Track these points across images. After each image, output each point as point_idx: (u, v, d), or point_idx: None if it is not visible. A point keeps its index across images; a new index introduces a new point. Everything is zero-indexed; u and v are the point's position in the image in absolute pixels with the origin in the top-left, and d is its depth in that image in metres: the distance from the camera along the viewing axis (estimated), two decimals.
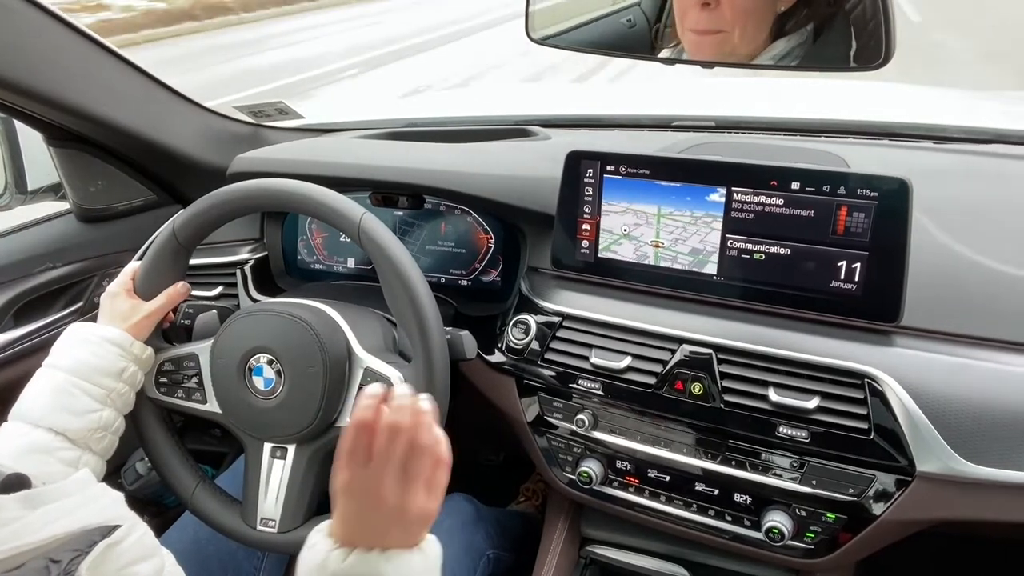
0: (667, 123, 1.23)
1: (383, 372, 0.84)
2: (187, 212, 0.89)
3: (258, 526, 0.88)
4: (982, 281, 0.80)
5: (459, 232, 1.13)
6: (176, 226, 0.89)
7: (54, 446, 0.75)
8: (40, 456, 0.74)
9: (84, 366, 0.80)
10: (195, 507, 0.91)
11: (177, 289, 0.90)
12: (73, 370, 0.80)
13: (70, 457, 0.76)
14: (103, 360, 0.82)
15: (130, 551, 0.55)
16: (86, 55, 1.03)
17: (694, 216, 0.85)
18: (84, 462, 0.78)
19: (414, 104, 2.33)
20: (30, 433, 0.75)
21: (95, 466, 0.79)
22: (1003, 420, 0.72)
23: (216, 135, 1.27)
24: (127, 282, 0.90)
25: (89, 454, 0.79)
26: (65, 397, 0.78)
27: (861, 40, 0.82)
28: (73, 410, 0.78)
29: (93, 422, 0.79)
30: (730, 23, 0.86)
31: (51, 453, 0.75)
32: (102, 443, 0.80)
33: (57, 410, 0.77)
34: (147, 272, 0.89)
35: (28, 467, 0.71)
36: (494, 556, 1.03)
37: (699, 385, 0.83)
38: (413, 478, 0.57)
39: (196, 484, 0.91)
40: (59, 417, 0.77)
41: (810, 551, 0.82)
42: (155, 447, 0.92)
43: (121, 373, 0.83)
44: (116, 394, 0.82)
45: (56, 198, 1.25)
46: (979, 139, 1.10)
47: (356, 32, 10.78)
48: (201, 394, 0.90)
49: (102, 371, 0.81)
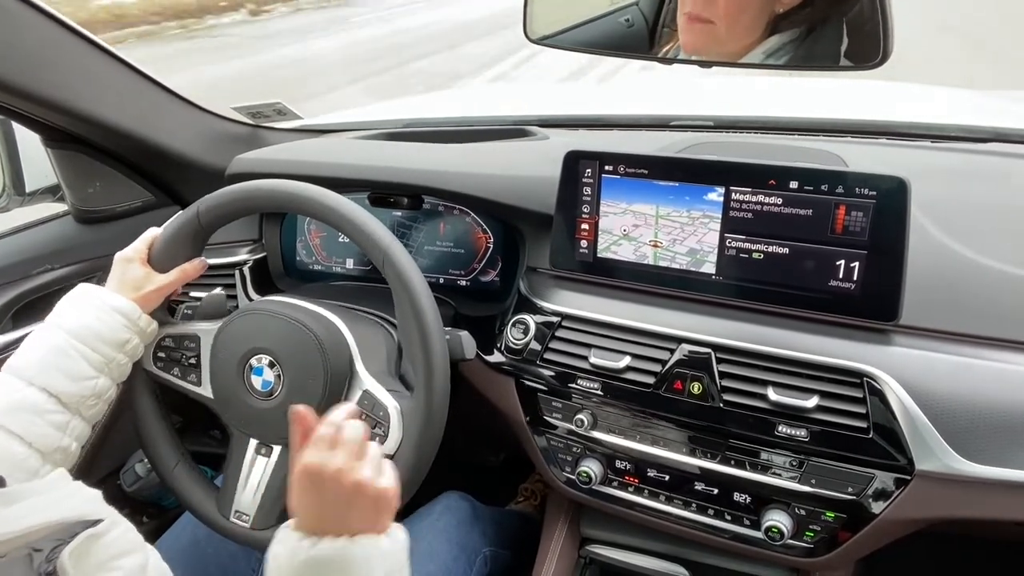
0: (665, 123, 1.23)
1: (381, 400, 0.82)
2: (214, 197, 0.89)
3: (231, 517, 0.87)
4: (980, 280, 0.80)
5: (458, 232, 1.13)
6: (201, 209, 0.89)
7: (46, 408, 0.74)
8: (29, 416, 0.73)
9: (87, 330, 0.79)
10: (172, 484, 0.91)
11: (194, 265, 0.89)
12: (75, 333, 0.78)
13: (60, 421, 0.75)
14: (108, 328, 0.80)
15: (113, 545, 0.55)
16: (83, 56, 1.03)
17: (692, 216, 0.85)
18: (72, 427, 0.77)
19: (413, 104, 2.33)
20: (22, 390, 0.74)
21: (83, 431, 0.79)
22: (1002, 419, 0.72)
23: (214, 136, 1.27)
24: (143, 249, 0.88)
25: (78, 419, 0.78)
26: (63, 359, 0.76)
27: (853, 38, 0.82)
28: (70, 373, 0.76)
29: (88, 388, 0.78)
30: (720, 15, 0.86)
31: (41, 415, 0.74)
32: (92, 410, 0.79)
33: (53, 370, 0.76)
34: (165, 244, 0.88)
35: (17, 426, 0.71)
36: (491, 554, 1.03)
37: (698, 385, 0.83)
38: (363, 455, 0.62)
39: (177, 462, 0.91)
40: (54, 378, 0.75)
41: (809, 550, 0.82)
42: (142, 419, 0.92)
43: (124, 344, 0.82)
44: (115, 364, 0.81)
45: (54, 200, 1.25)
46: (978, 138, 1.10)
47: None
48: (196, 376, 0.89)
49: (105, 339, 0.80)
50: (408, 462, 0.80)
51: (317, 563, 0.58)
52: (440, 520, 1.01)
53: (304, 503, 0.61)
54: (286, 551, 0.60)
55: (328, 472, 0.60)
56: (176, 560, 0.95)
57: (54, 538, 0.51)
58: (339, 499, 0.60)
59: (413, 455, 0.80)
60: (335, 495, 0.60)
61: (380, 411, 0.82)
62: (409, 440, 0.80)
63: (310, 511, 0.61)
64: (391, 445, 0.81)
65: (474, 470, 1.56)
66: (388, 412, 0.82)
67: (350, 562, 0.58)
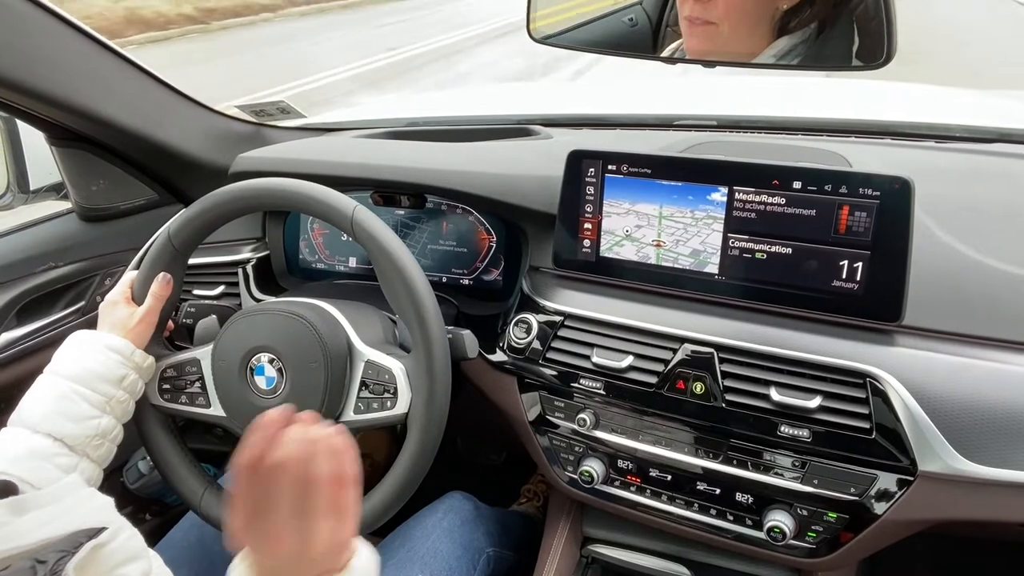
0: (669, 122, 1.23)
1: (384, 364, 0.84)
2: (181, 217, 0.89)
3: None
4: (984, 281, 0.80)
5: (461, 231, 1.13)
6: (171, 231, 0.89)
7: (52, 452, 0.75)
8: (38, 462, 0.74)
9: (85, 372, 0.80)
10: (206, 513, 0.91)
11: (159, 284, 0.89)
12: (74, 376, 0.79)
13: (67, 463, 0.76)
14: (103, 366, 0.81)
15: (117, 553, 0.55)
16: (88, 54, 1.03)
17: (696, 216, 0.85)
18: (81, 469, 0.77)
19: (415, 103, 2.33)
20: (29, 439, 0.75)
21: (92, 473, 0.79)
22: (1005, 420, 0.72)
23: (218, 134, 1.27)
24: (126, 291, 0.90)
25: (87, 461, 0.79)
26: (65, 403, 0.78)
27: (864, 38, 0.82)
28: (72, 416, 0.78)
29: (91, 429, 0.79)
30: (721, 16, 0.86)
31: (49, 459, 0.75)
32: (99, 450, 0.80)
33: (56, 416, 0.77)
34: (144, 279, 0.89)
35: (25, 472, 0.72)
36: (494, 554, 1.03)
37: (701, 384, 0.83)
38: (309, 513, 0.53)
39: (204, 490, 0.91)
40: (58, 423, 0.77)
41: (812, 550, 0.82)
42: (161, 455, 0.92)
43: (121, 380, 0.83)
44: (115, 401, 0.82)
45: (58, 197, 1.25)
46: (982, 138, 1.10)
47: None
48: (204, 398, 0.90)
49: (102, 377, 0.81)
50: (422, 420, 0.81)
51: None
52: (444, 520, 1.01)
53: (249, 561, 0.54)
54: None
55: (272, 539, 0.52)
56: (183, 559, 0.96)
57: (58, 549, 0.51)
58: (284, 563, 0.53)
59: (426, 409, 0.81)
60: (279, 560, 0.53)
61: (385, 375, 0.83)
62: (419, 396, 0.81)
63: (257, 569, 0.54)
64: (403, 405, 0.82)
65: (477, 471, 1.56)
66: (394, 373, 0.83)
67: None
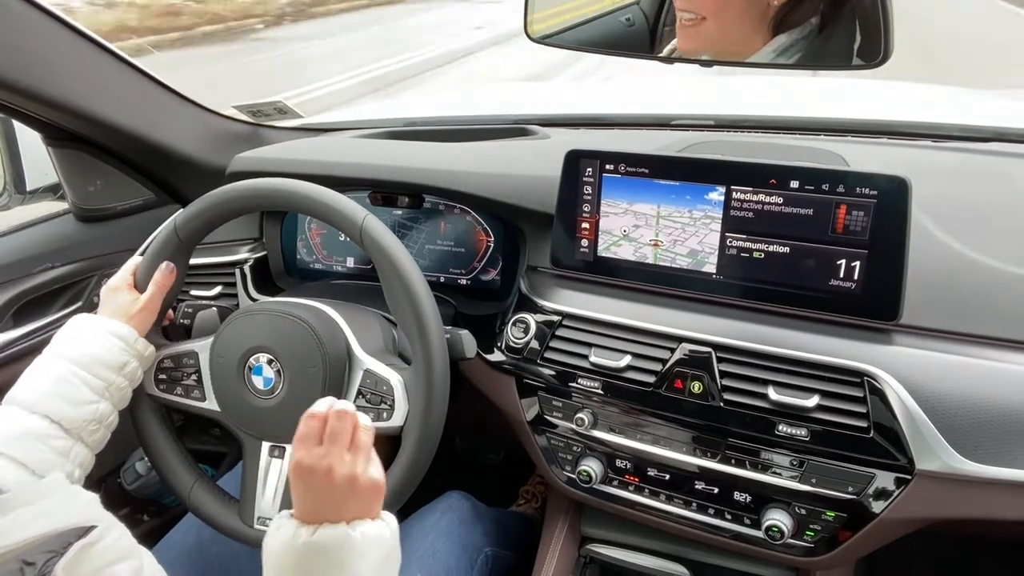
0: (666, 122, 1.23)
1: (382, 375, 0.84)
2: (189, 209, 0.89)
3: (255, 524, 0.87)
4: (981, 279, 0.80)
5: (458, 231, 1.12)
6: (178, 223, 0.89)
7: (47, 433, 0.75)
8: (32, 443, 0.74)
9: (87, 356, 0.80)
10: (193, 505, 0.91)
11: (163, 273, 0.89)
12: (75, 360, 0.79)
13: (62, 446, 0.76)
14: (106, 352, 0.81)
15: (107, 552, 0.54)
16: (84, 55, 1.03)
17: (693, 215, 0.85)
18: (75, 453, 0.77)
19: (413, 103, 2.33)
20: (25, 419, 0.75)
21: (85, 458, 0.79)
22: (1003, 418, 0.72)
23: (215, 135, 1.27)
24: (128, 277, 0.90)
25: (80, 445, 0.78)
26: (65, 386, 0.78)
27: (865, 36, 0.82)
28: (71, 399, 0.77)
29: (89, 413, 0.79)
30: (709, 11, 0.86)
31: (44, 441, 0.74)
32: (95, 435, 0.80)
33: (55, 397, 0.77)
34: (148, 268, 0.89)
35: (19, 452, 0.72)
36: (492, 554, 1.03)
37: (698, 384, 0.83)
38: (358, 449, 0.65)
39: (194, 482, 0.91)
40: (56, 405, 0.76)
41: (810, 549, 0.82)
42: (153, 444, 0.92)
43: (123, 367, 0.83)
44: (115, 388, 0.82)
45: (55, 198, 1.25)
46: (979, 137, 1.10)
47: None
48: (200, 392, 0.90)
49: (104, 363, 0.81)
50: (417, 433, 0.81)
51: (317, 547, 0.62)
52: (443, 519, 1.01)
53: (300, 497, 0.65)
54: (285, 537, 0.63)
55: (320, 470, 0.63)
56: (181, 561, 0.96)
57: (46, 550, 0.50)
58: (334, 493, 0.64)
59: (422, 423, 0.81)
60: (329, 490, 0.63)
61: (383, 386, 0.83)
62: (416, 408, 0.81)
63: (306, 503, 0.65)
64: (399, 418, 0.82)
65: (475, 471, 1.56)
66: (391, 385, 0.82)
67: (349, 546, 0.62)
